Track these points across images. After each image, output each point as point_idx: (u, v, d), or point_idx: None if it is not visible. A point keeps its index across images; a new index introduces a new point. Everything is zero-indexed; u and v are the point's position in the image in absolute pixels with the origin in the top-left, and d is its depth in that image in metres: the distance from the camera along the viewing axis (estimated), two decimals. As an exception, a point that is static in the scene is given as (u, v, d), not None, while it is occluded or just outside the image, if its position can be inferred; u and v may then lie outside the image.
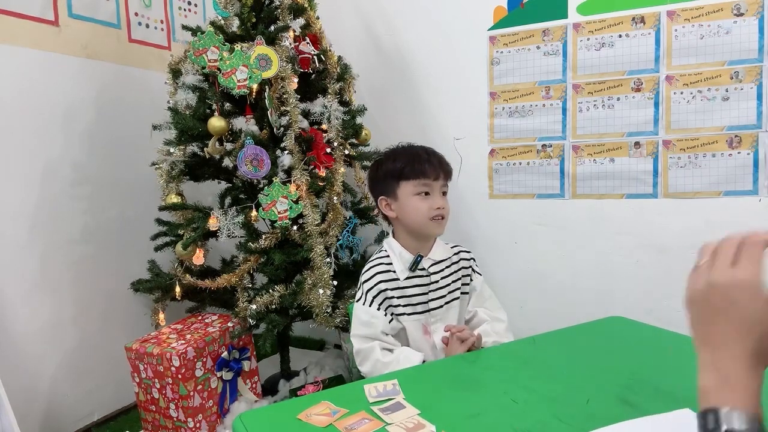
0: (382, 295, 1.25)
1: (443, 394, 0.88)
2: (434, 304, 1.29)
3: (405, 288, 1.27)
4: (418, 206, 1.25)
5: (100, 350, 1.92)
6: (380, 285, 1.25)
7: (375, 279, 1.26)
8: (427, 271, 1.29)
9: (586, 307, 1.95)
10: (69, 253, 1.84)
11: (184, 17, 2.31)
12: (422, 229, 1.27)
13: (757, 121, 1.73)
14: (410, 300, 1.27)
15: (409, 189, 1.26)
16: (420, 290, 1.28)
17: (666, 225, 1.87)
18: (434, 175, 1.26)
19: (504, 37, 2.07)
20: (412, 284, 1.28)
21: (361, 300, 1.26)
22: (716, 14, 1.75)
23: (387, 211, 1.31)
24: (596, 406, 0.80)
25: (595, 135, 1.95)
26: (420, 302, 1.28)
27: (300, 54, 1.79)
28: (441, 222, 1.27)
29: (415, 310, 1.27)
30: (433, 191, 1.26)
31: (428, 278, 1.29)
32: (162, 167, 1.78)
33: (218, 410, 1.70)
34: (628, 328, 1.19)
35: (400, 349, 1.22)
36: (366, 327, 1.23)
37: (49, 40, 1.76)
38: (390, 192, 1.29)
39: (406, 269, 1.27)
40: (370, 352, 1.20)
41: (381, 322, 1.23)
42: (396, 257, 1.29)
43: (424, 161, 1.27)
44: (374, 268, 1.28)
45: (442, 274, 1.32)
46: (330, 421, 0.78)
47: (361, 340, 1.23)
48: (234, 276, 1.71)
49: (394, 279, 1.27)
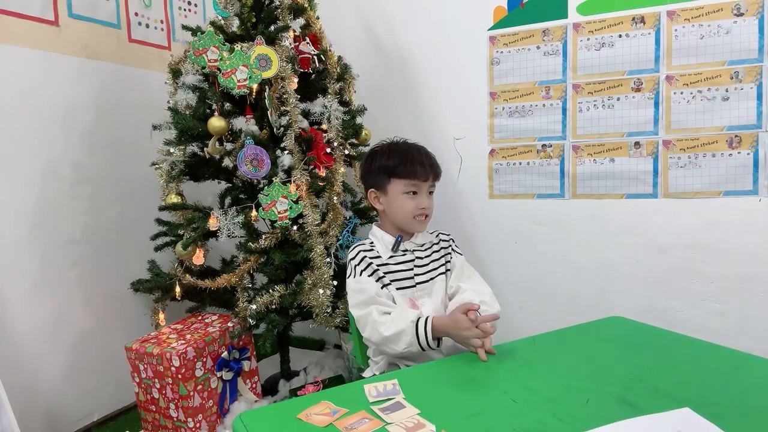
0: (370, 266, 1.30)
1: (443, 394, 0.88)
2: (420, 279, 1.33)
3: (389, 265, 1.32)
4: (405, 204, 1.31)
5: (100, 350, 1.92)
6: (366, 259, 1.31)
7: (360, 255, 1.32)
8: (410, 251, 1.35)
9: (586, 307, 1.96)
10: (69, 253, 1.84)
11: (184, 17, 2.31)
12: (406, 225, 1.34)
13: (757, 121, 1.73)
14: (395, 276, 1.32)
15: (399, 187, 1.32)
16: (404, 266, 1.33)
17: (666, 225, 1.87)
18: (424, 177, 1.32)
19: (504, 37, 2.07)
20: (396, 261, 1.33)
21: (351, 275, 1.32)
22: (716, 14, 1.75)
23: (375, 203, 1.38)
24: (596, 406, 0.80)
25: (595, 135, 1.95)
26: (405, 278, 1.33)
27: (300, 54, 1.79)
28: (424, 221, 1.34)
29: (401, 285, 1.32)
30: (420, 191, 1.32)
31: (411, 255, 1.35)
32: (162, 167, 1.78)
33: (218, 410, 1.70)
34: (628, 328, 1.19)
35: (396, 308, 1.26)
36: (360, 294, 1.28)
37: (49, 40, 1.76)
38: (381, 186, 1.35)
39: (389, 250, 1.33)
40: (368, 317, 1.24)
41: (373, 287, 1.27)
42: (378, 241, 1.36)
43: (416, 162, 1.31)
44: (358, 248, 1.35)
45: (425, 252, 1.37)
46: (330, 421, 0.78)
47: (358, 307, 1.27)
48: (234, 276, 1.71)
49: (378, 257, 1.33)
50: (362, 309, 1.25)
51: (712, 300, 1.83)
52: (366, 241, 1.38)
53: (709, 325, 1.82)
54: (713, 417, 0.74)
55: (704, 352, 1.04)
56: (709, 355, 1.02)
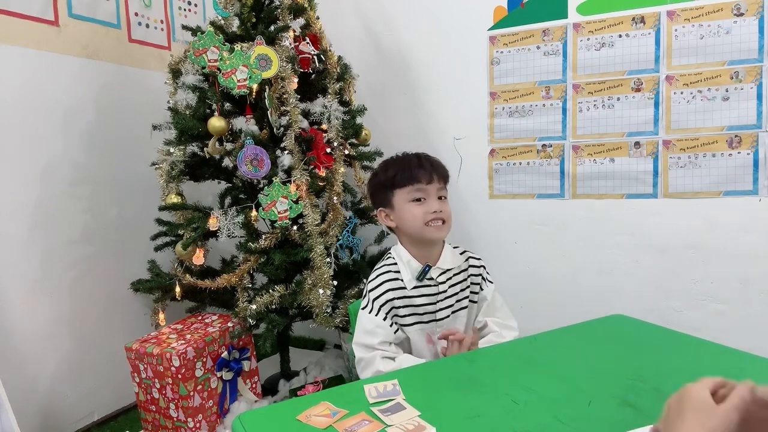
0: (389, 304, 1.22)
1: (443, 395, 0.88)
2: (441, 314, 1.26)
3: (412, 297, 1.24)
4: (414, 212, 1.22)
5: (100, 350, 1.92)
6: (387, 294, 1.22)
7: (382, 288, 1.23)
8: (436, 281, 1.25)
9: (587, 306, 1.95)
10: (69, 253, 1.84)
11: (184, 17, 2.31)
12: (421, 235, 1.23)
13: (757, 121, 1.73)
14: (417, 310, 1.24)
15: (403, 196, 1.24)
16: (428, 300, 1.25)
17: (666, 225, 1.87)
18: (427, 180, 1.23)
19: (504, 37, 2.07)
20: (420, 293, 1.24)
21: (367, 308, 1.23)
22: (716, 14, 1.75)
23: (387, 221, 1.29)
24: (597, 408, 0.80)
25: (595, 135, 1.95)
26: (427, 312, 1.25)
27: (300, 54, 1.79)
28: (441, 226, 1.23)
29: (421, 320, 1.25)
30: (428, 196, 1.23)
31: (436, 288, 1.25)
32: (162, 167, 1.78)
33: (218, 410, 1.70)
34: (630, 327, 1.19)
35: (401, 356, 1.21)
36: (369, 336, 1.21)
37: (49, 40, 1.76)
38: (387, 202, 1.27)
39: (414, 279, 1.24)
40: (371, 361, 1.19)
41: (384, 332, 1.20)
42: (404, 266, 1.26)
43: (414, 166, 1.24)
44: (382, 276, 1.25)
45: (451, 283, 1.28)
46: (330, 422, 0.78)
47: (363, 349, 1.21)
48: (234, 276, 1.71)
49: (402, 288, 1.24)
50: (367, 352, 1.20)
51: (712, 300, 1.83)
52: (391, 264, 1.28)
53: (709, 325, 1.82)
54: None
55: (706, 351, 1.04)
56: (711, 355, 1.02)
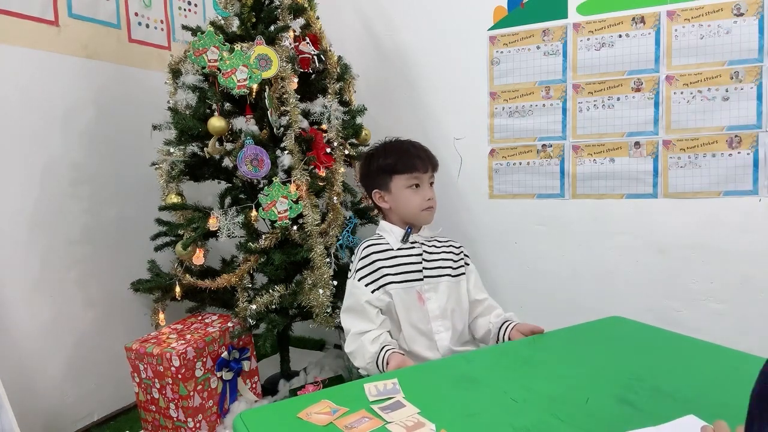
0: (372, 266, 1.34)
1: (443, 393, 0.88)
2: (428, 273, 1.37)
3: (399, 257, 1.37)
4: (411, 198, 1.37)
5: (100, 350, 1.92)
6: (372, 256, 1.36)
7: (367, 251, 1.37)
8: (419, 244, 1.40)
9: (586, 307, 1.96)
10: (69, 253, 1.84)
11: (184, 17, 2.31)
12: (415, 219, 1.39)
13: (757, 121, 1.73)
14: (405, 268, 1.36)
15: (401, 182, 1.38)
16: (413, 258, 1.38)
17: (666, 225, 1.87)
18: (424, 169, 1.38)
19: (504, 37, 2.07)
20: (407, 253, 1.38)
21: (352, 275, 1.38)
22: (716, 14, 1.75)
23: (381, 202, 1.43)
24: (595, 406, 0.80)
25: (595, 135, 1.95)
26: (413, 270, 1.37)
27: (300, 54, 1.79)
28: (431, 212, 1.40)
29: (409, 278, 1.36)
30: (422, 183, 1.39)
31: (420, 247, 1.39)
32: (162, 167, 1.78)
33: (218, 410, 1.70)
34: (628, 328, 1.19)
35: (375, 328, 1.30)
36: (349, 297, 1.35)
37: (49, 40, 1.76)
38: (383, 186, 1.41)
39: (399, 241, 1.38)
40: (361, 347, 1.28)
41: (364, 296, 1.32)
42: (388, 233, 1.41)
43: (414, 156, 1.39)
44: (367, 242, 1.41)
45: (435, 247, 1.42)
46: (330, 420, 0.78)
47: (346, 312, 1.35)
48: (234, 276, 1.71)
49: (388, 249, 1.37)
50: (348, 315, 1.34)
51: (712, 300, 1.83)
52: (375, 236, 1.44)
53: (709, 325, 1.82)
54: (713, 418, 0.74)
55: (704, 352, 1.04)
56: (710, 356, 1.02)
